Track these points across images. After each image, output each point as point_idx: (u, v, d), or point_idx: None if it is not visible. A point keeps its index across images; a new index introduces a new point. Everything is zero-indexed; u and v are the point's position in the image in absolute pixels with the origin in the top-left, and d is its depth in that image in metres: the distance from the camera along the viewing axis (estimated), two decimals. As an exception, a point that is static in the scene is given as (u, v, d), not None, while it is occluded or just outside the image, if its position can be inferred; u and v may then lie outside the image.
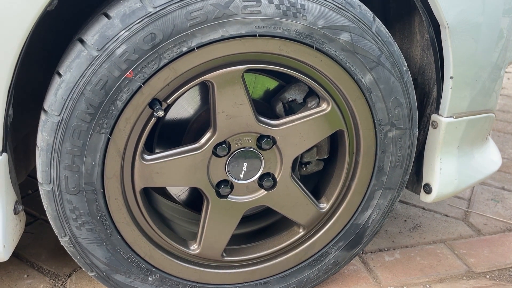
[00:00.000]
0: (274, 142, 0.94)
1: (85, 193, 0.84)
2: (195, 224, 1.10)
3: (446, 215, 1.48)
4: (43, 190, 0.84)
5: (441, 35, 0.95)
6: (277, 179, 0.98)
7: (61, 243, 0.89)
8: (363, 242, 1.09)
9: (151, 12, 0.75)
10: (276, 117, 0.97)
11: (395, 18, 1.12)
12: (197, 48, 0.79)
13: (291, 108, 1.00)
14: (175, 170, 0.90)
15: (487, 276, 1.21)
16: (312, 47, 0.84)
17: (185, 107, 0.98)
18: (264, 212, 1.13)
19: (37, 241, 1.26)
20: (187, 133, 0.98)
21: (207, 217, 0.97)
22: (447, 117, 1.03)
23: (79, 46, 0.76)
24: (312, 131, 0.95)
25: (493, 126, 2.15)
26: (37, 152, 0.82)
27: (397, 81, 0.92)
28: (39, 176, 0.83)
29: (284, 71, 0.88)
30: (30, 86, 0.99)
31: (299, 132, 0.95)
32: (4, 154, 0.81)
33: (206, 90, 0.96)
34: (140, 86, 0.79)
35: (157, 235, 0.95)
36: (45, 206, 0.86)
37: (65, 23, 1.00)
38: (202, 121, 0.98)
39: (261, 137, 0.93)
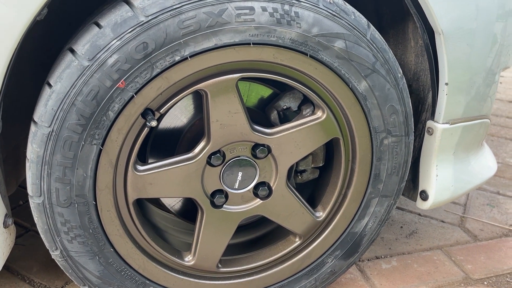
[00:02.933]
0: (269, 150, 0.93)
1: (76, 205, 0.82)
2: (190, 235, 1.08)
3: (442, 221, 1.47)
4: (34, 203, 0.82)
5: (436, 41, 0.95)
6: (273, 188, 0.97)
7: (53, 257, 0.87)
8: (360, 251, 1.08)
9: (143, 21, 0.73)
10: (271, 125, 0.96)
11: (388, 24, 1.12)
12: (190, 57, 0.77)
13: (286, 116, 0.99)
14: (169, 181, 0.88)
15: (485, 283, 1.20)
16: (307, 55, 0.84)
17: (178, 116, 0.96)
18: (259, 221, 1.12)
19: (28, 253, 1.23)
20: (181, 142, 0.97)
21: (201, 228, 0.95)
22: (442, 123, 1.03)
23: (69, 56, 0.75)
24: (307, 139, 0.94)
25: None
26: (27, 164, 0.80)
27: (392, 88, 0.92)
28: (29, 189, 0.81)
29: (279, 79, 0.87)
30: (19, 96, 0.97)
31: (294, 140, 0.94)
32: (-7, 167, 0.79)
33: (199, 99, 0.95)
34: (133, 96, 0.77)
35: (151, 247, 0.93)
36: (35, 219, 0.84)
37: (55, 32, 0.98)
38: (196, 130, 0.97)
39: (256, 146, 0.92)
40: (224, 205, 0.95)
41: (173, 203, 1.06)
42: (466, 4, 0.95)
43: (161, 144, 0.97)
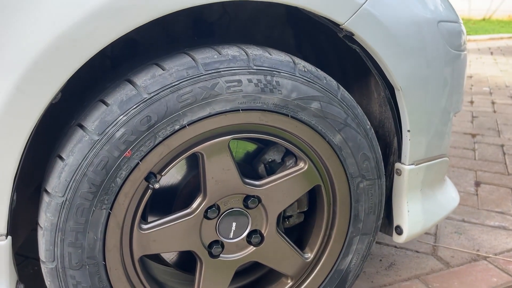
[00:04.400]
0: (259, 200, 1.03)
1: (87, 267, 0.88)
2: (188, 285, 1.14)
3: (417, 251, 1.59)
4: (46, 268, 0.87)
5: (396, 95, 1.09)
6: (264, 235, 1.06)
7: (63, 318, 0.92)
8: (347, 286, 1.17)
9: (146, 97, 0.84)
10: (259, 177, 1.06)
11: (353, 79, 1.27)
12: (188, 125, 0.88)
13: (271, 168, 1.10)
14: (171, 236, 0.96)
15: (461, 306, 1.31)
16: (288, 116, 0.96)
17: (174, 175, 1.05)
18: (253, 266, 1.20)
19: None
20: (178, 199, 1.05)
21: (201, 278, 1.02)
22: (408, 165, 1.16)
23: (80, 131, 0.84)
24: (292, 188, 1.05)
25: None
26: (40, 232, 0.86)
27: (363, 139, 1.05)
28: (43, 255, 0.87)
29: (265, 137, 0.99)
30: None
31: (281, 189, 1.04)
32: (9, 237, 0.85)
33: (193, 158, 1.04)
34: (138, 163, 0.86)
35: (156, 300, 0.99)
36: (47, 283, 0.89)
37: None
38: (191, 186, 1.05)
39: (247, 197, 1.02)
40: (221, 255, 1.03)
41: (171, 256, 1.13)
42: (418, 58, 1.10)
43: (159, 201, 1.05)
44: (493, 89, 4.00)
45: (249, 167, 1.10)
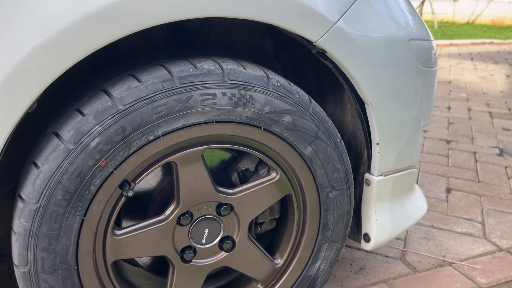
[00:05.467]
0: (232, 208, 1.06)
1: (60, 271, 0.90)
2: (160, 287, 1.17)
3: (386, 256, 1.65)
4: (19, 272, 0.89)
5: (366, 110, 1.13)
6: (236, 241, 1.09)
7: (35, 321, 0.94)
8: (315, 291, 1.22)
9: (121, 109, 0.86)
10: (232, 185, 1.09)
11: (328, 90, 1.31)
12: (162, 136, 0.90)
13: (245, 176, 1.13)
14: (144, 242, 0.99)
15: (424, 311, 1.37)
16: (261, 128, 0.99)
17: (149, 181, 1.08)
18: (225, 270, 1.23)
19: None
20: (152, 205, 1.08)
21: (173, 282, 1.05)
22: (377, 176, 1.21)
23: (55, 140, 0.86)
24: (264, 196, 1.08)
25: (421, 167, 2.41)
26: (14, 237, 0.88)
27: (333, 151, 1.09)
28: (16, 259, 0.89)
29: (238, 148, 1.02)
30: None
31: (253, 198, 1.07)
32: (-18, 241, 0.86)
33: (167, 167, 1.07)
34: (112, 172, 0.89)
35: (128, 303, 1.02)
36: (20, 286, 0.91)
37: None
38: (165, 193, 1.08)
39: (220, 205, 1.05)
40: (193, 260, 1.06)
41: (145, 259, 1.15)
42: (389, 75, 1.14)
43: (133, 207, 1.08)
44: (471, 96, 4.10)
45: (223, 175, 1.13)
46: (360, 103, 1.15)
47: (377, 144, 1.16)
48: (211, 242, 1.07)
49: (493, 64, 5.83)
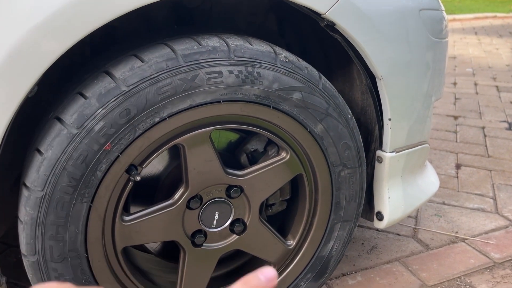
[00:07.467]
0: (242, 190, 1.03)
1: (69, 259, 0.88)
2: (172, 273, 1.16)
3: (398, 234, 1.63)
4: (28, 261, 0.87)
5: (377, 85, 1.10)
6: (247, 224, 1.07)
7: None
8: (329, 271, 1.20)
9: (125, 90, 0.83)
10: (241, 166, 1.06)
11: (336, 66, 1.27)
12: (168, 117, 0.87)
13: (254, 157, 1.10)
14: (153, 227, 0.96)
15: (439, 288, 1.35)
16: (270, 107, 0.95)
17: (156, 166, 1.05)
18: (236, 253, 1.21)
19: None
20: (160, 189, 1.05)
21: (185, 267, 1.03)
22: (389, 152, 1.18)
23: (58, 125, 0.82)
24: (275, 177, 1.05)
25: (430, 144, 2.38)
26: (20, 226, 0.86)
27: (344, 128, 1.05)
28: (24, 249, 0.87)
29: (247, 128, 0.98)
30: None
31: (263, 179, 1.05)
32: (-11, 232, 0.84)
33: (174, 149, 1.04)
34: (118, 156, 0.86)
35: (139, 290, 1.00)
36: (29, 276, 0.89)
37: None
38: (173, 177, 1.05)
39: (229, 187, 1.02)
40: (204, 244, 1.04)
41: (154, 245, 1.13)
42: (400, 47, 1.10)
43: (141, 192, 1.05)
44: (476, 70, 4.03)
45: (231, 157, 1.10)
46: (371, 78, 1.11)
47: (389, 119, 1.13)
48: (222, 225, 1.05)
49: (497, 38, 5.73)
